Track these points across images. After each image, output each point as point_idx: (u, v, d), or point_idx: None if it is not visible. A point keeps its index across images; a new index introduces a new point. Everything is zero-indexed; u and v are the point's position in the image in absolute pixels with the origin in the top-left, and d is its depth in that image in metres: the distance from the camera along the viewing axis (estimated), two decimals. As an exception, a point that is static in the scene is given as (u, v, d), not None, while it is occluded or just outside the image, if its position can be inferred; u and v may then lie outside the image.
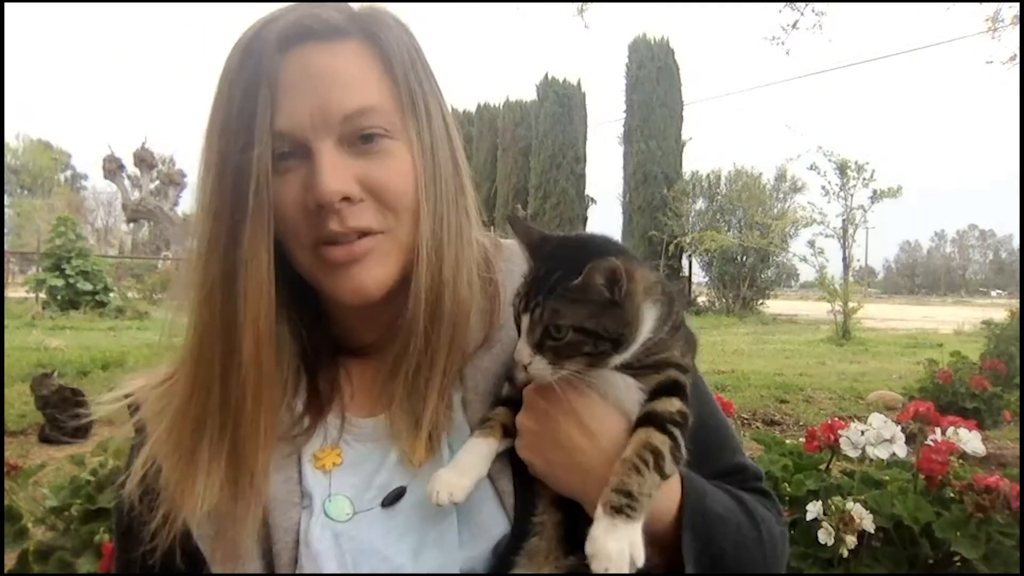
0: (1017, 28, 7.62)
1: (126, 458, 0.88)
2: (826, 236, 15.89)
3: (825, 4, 8.28)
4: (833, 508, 1.76)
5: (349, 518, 0.78)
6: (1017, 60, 7.64)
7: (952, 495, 1.87)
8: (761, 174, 22.76)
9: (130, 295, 17.59)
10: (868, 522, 1.74)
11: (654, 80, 22.82)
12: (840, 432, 2.00)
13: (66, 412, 4.81)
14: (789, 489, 1.99)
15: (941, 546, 1.80)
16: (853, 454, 1.97)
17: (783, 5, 8.23)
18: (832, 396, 7.36)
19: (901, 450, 1.91)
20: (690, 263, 23.56)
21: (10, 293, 18.87)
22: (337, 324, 0.88)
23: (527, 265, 0.77)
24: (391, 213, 0.78)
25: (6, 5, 2.58)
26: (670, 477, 0.73)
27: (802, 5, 8.17)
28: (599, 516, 0.68)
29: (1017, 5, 7.41)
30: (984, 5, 7.86)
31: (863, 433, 1.95)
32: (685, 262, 23.34)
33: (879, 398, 6.75)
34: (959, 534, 1.74)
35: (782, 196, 22.53)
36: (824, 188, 15.70)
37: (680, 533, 0.74)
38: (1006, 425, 5.15)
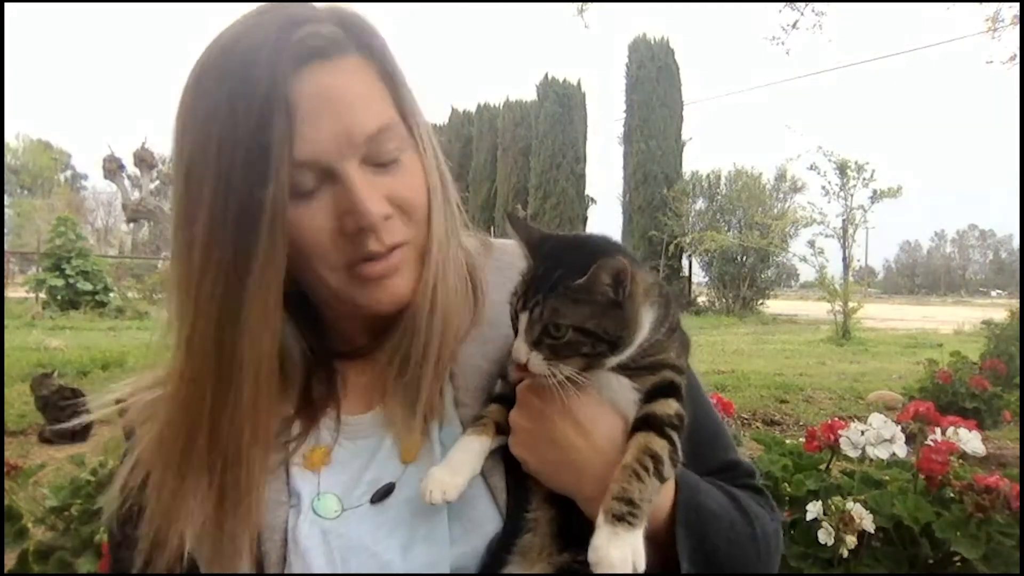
0: (1017, 28, 7.63)
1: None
2: (826, 236, 15.92)
3: (825, 4, 8.29)
4: (833, 508, 1.76)
5: (338, 515, 0.78)
6: (1017, 60, 7.65)
7: (952, 495, 1.88)
8: (761, 174, 22.78)
9: (130, 295, 17.58)
10: (868, 522, 1.74)
11: (654, 80, 22.82)
12: (840, 432, 2.00)
13: (66, 412, 4.81)
14: (789, 489, 1.99)
15: (941, 546, 1.80)
16: (853, 454, 1.97)
17: (783, 5, 8.24)
18: (832, 396, 7.36)
19: (901, 450, 1.91)
20: (690, 263, 23.56)
21: (10, 293, 18.86)
22: (332, 330, 0.88)
23: (525, 264, 0.77)
24: (413, 223, 0.79)
25: (6, 5, 2.58)
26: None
27: (802, 5, 8.18)
28: (601, 524, 0.67)
29: (1017, 5, 7.41)
30: (984, 5, 7.87)
31: (863, 433, 1.95)
32: (685, 262, 23.34)
33: (879, 398, 6.75)
34: (959, 534, 1.74)
35: (782, 196, 22.54)
36: (824, 188, 15.72)
37: (674, 530, 0.74)
38: (1006, 425, 5.15)
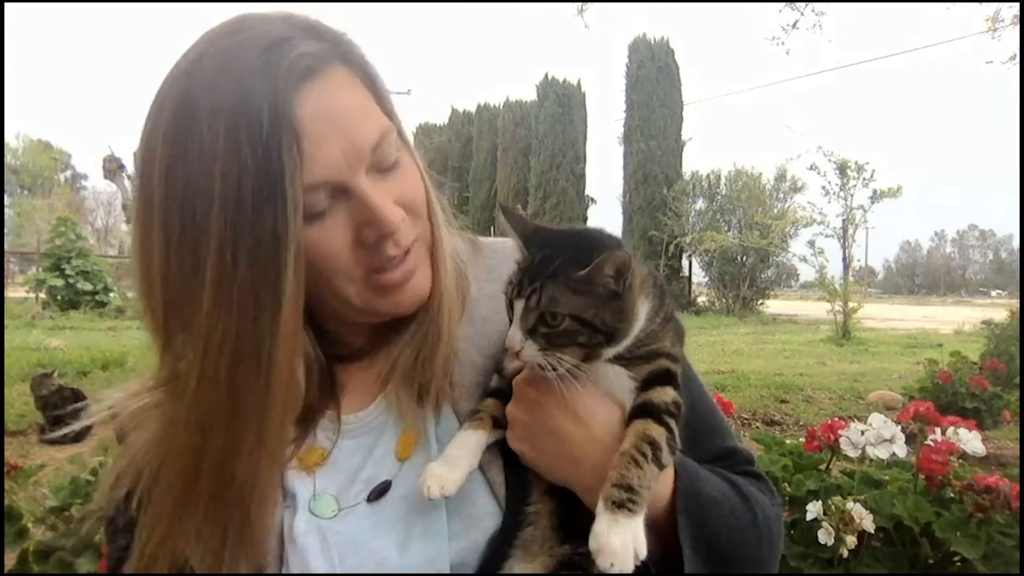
0: (1017, 28, 7.64)
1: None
2: (826, 236, 15.96)
3: (825, 4, 8.30)
4: (833, 508, 1.76)
5: (335, 515, 0.78)
6: (1017, 60, 7.65)
7: (952, 495, 1.88)
8: (761, 174, 22.85)
9: (130, 295, 17.54)
10: (868, 522, 1.74)
11: (654, 80, 22.84)
12: (840, 432, 2.00)
13: (66, 412, 4.81)
14: (789, 489, 1.99)
15: (941, 546, 1.80)
16: (853, 454, 1.97)
17: (783, 5, 8.25)
18: (832, 396, 7.36)
19: (901, 450, 1.91)
20: (690, 263, 23.59)
21: (10, 293, 18.89)
22: (332, 335, 0.87)
23: (519, 255, 0.78)
24: (419, 219, 0.81)
25: (6, 5, 2.58)
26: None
27: (802, 5, 8.19)
28: (600, 512, 0.68)
29: (1017, 5, 7.42)
30: (984, 5, 7.87)
31: (863, 433, 1.95)
32: (685, 262, 23.37)
33: (879, 398, 6.76)
34: (959, 534, 1.74)
35: (782, 196, 22.59)
36: (824, 188, 15.76)
37: (675, 517, 0.74)
38: (1006, 425, 5.16)
